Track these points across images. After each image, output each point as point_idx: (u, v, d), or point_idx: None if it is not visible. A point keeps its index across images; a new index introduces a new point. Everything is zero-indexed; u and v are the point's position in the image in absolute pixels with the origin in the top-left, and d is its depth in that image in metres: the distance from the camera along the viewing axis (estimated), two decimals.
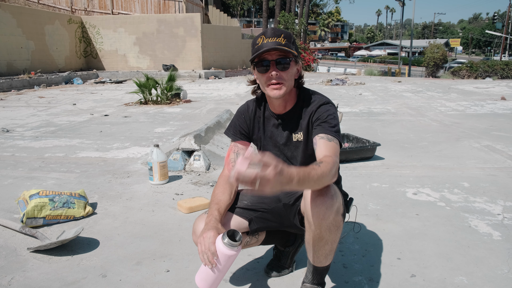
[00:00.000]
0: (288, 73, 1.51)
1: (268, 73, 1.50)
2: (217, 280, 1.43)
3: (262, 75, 1.53)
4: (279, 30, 1.51)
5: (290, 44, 1.51)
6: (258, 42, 1.51)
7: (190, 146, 3.63)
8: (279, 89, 1.51)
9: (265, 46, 1.48)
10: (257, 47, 1.50)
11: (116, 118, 6.44)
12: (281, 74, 1.50)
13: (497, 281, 1.76)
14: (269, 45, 1.47)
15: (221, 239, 1.37)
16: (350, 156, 3.72)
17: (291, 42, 1.52)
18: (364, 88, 11.41)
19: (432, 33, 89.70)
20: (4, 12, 13.08)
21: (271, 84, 1.51)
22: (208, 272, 1.40)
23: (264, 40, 1.50)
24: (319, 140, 1.47)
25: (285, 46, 1.48)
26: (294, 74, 1.56)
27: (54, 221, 2.41)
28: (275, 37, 1.49)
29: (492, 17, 70.25)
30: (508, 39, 47.01)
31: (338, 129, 1.52)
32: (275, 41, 1.48)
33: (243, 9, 65.53)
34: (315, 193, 1.38)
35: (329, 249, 1.46)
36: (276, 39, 1.49)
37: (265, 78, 1.52)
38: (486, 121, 5.91)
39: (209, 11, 21.76)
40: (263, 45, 1.49)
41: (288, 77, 1.52)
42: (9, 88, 11.20)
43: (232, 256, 1.38)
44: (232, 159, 1.68)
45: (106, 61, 17.47)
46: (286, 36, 1.50)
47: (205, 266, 1.40)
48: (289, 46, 1.50)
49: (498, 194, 2.86)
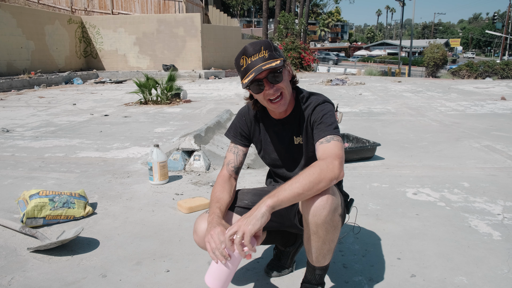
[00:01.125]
0: (283, 82, 1.49)
1: (264, 91, 1.48)
2: (230, 277, 1.40)
3: (259, 95, 1.51)
4: (257, 44, 1.47)
5: (273, 52, 1.47)
6: (242, 64, 1.47)
7: (190, 146, 3.64)
8: (281, 102, 1.50)
9: (251, 66, 1.44)
10: (244, 69, 1.46)
11: (116, 118, 6.44)
12: (277, 86, 1.48)
13: (497, 281, 1.76)
14: (255, 64, 1.43)
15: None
16: (350, 156, 3.72)
17: (272, 50, 1.47)
18: (364, 88, 11.41)
19: (432, 33, 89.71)
20: (4, 12, 13.08)
21: (271, 100, 1.50)
22: (221, 269, 1.36)
23: (247, 60, 1.46)
24: (319, 146, 1.47)
25: (270, 58, 1.44)
26: (288, 79, 1.54)
27: (54, 221, 2.41)
28: (257, 53, 1.45)
29: (492, 17, 70.25)
30: (508, 39, 47.02)
31: (335, 125, 1.51)
32: (258, 58, 1.44)
33: (243, 9, 65.55)
34: None
35: (327, 248, 1.46)
36: (258, 55, 1.45)
37: (262, 96, 1.50)
38: (486, 121, 5.91)
39: (209, 11, 21.77)
40: (248, 66, 1.45)
41: (285, 85, 1.50)
42: (9, 88, 11.20)
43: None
44: (232, 160, 1.68)
45: (106, 61, 17.47)
46: (266, 47, 1.46)
47: (216, 264, 1.36)
48: (273, 56, 1.46)
49: (498, 194, 2.86)
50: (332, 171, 1.35)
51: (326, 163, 1.36)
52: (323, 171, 1.34)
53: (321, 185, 1.33)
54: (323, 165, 1.36)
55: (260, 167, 3.58)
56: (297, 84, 1.64)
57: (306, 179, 1.32)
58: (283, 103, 1.51)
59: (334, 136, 1.47)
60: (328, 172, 1.34)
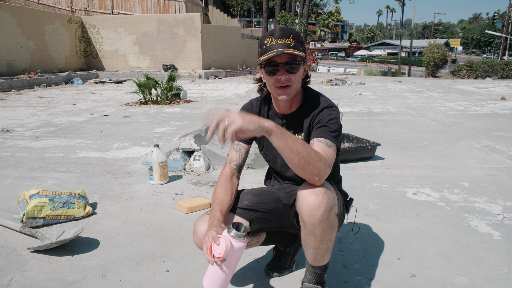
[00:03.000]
0: (296, 76, 1.48)
1: (276, 76, 1.47)
2: (227, 279, 1.40)
3: (270, 77, 1.50)
4: (288, 30, 1.47)
5: (298, 45, 1.47)
6: (266, 42, 1.47)
7: (190, 146, 3.64)
8: (287, 92, 1.50)
9: (274, 47, 1.44)
10: (266, 48, 1.46)
11: (116, 118, 6.44)
12: (289, 77, 1.47)
13: (497, 281, 1.76)
14: (278, 47, 1.43)
15: (227, 232, 1.37)
16: (350, 156, 3.72)
17: (299, 43, 1.48)
18: (364, 88, 11.41)
19: (432, 33, 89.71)
20: (4, 12, 13.08)
21: (279, 86, 1.49)
22: (217, 271, 1.37)
23: (273, 40, 1.45)
24: (317, 143, 1.46)
25: (294, 48, 1.44)
26: (301, 76, 1.54)
27: (54, 221, 2.41)
28: (284, 38, 1.45)
29: (492, 17, 70.26)
30: (508, 39, 47.01)
31: (337, 134, 1.50)
32: (284, 43, 1.44)
33: (243, 9, 65.53)
34: (308, 191, 1.38)
35: (325, 248, 1.45)
36: (285, 41, 1.44)
37: (273, 80, 1.49)
38: (486, 121, 5.91)
39: (209, 11, 21.76)
40: (271, 46, 1.45)
41: (296, 79, 1.50)
42: (9, 88, 11.20)
43: (241, 249, 1.37)
44: (234, 157, 1.67)
45: (106, 61, 17.47)
46: (295, 37, 1.46)
47: (213, 267, 1.37)
48: (298, 48, 1.46)
49: (498, 194, 2.86)
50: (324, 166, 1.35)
51: (324, 159, 1.37)
52: (320, 158, 1.35)
53: (310, 167, 1.33)
54: (322, 156, 1.36)
55: (260, 167, 3.58)
56: (308, 84, 1.63)
57: (307, 150, 1.32)
58: (288, 92, 1.50)
59: (333, 145, 1.47)
60: (321, 164, 1.34)
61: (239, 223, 1.40)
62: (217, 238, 1.34)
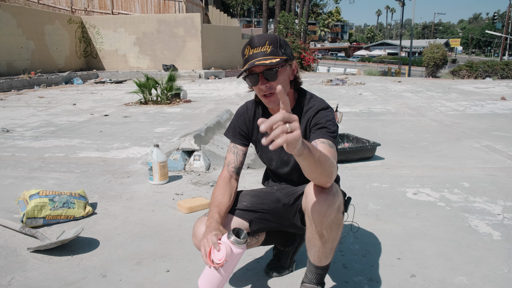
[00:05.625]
0: (277, 82, 1.47)
1: (258, 86, 1.49)
2: (223, 282, 1.40)
3: (254, 87, 1.52)
4: (263, 37, 1.47)
5: (276, 49, 1.46)
6: (245, 53, 1.49)
7: (190, 146, 3.64)
8: (272, 99, 1.50)
9: (250, 58, 1.45)
10: (245, 59, 1.48)
11: (116, 118, 6.44)
12: (271, 84, 1.47)
13: (497, 281, 1.76)
14: (254, 57, 1.44)
15: (227, 238, 1.36)
16: (350, 156, 3.72)
17: (277, 47, 1.46)
18: (364, 88, 11.41)
19: (432, 33, 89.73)
20: (4, 12, 13.08)
21: (263, 95, 1.51)
22: (214, 274, 1.37)
23: (250, 51, 1.47)
24: (320, 144, 1.45)
25: (271, 55, 1.44)
26: (287, 79, 1.52)
27: (54, 221, 2.41)
28: (260, 46, 1.45)
29: (492, 17, 70.25)
30: (508, 39, 47.01)
31: (336, 135, 1.52)
32: (260, 51, 1.45)
33: (243, 9, 65.54)
34: (316, 190, 1.37)
35: (329, 247, 1.45)
36: (261, 49, 1.45)
37: (257, 90, 1.52)
38: (486, 121, 5.91)
39: (209, 11, 21.76)
40: (249, 56, 1.46)
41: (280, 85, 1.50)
42: (9, 88, 11.20)
43: (239, 255, 1.37)
44: (232, 160, 1.68)
45: (106, 61, 17.47)
46: (271, 42, 1.46)
47: (210, 269, 1.37)
48: (275, 53, 1.45)
49: (498, 194, 2.86)
50: (335, 170, 1.35)
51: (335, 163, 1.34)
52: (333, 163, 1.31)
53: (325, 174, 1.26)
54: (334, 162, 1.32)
55: (260, 167, 3.58)
56: (300, 85, 1.63)
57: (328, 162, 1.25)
58: (273, 100, 1.50)
59: (334, 146, 1.48)
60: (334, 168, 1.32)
61: (239, 229, 1.40)
62: (217, 244, 1.34)
